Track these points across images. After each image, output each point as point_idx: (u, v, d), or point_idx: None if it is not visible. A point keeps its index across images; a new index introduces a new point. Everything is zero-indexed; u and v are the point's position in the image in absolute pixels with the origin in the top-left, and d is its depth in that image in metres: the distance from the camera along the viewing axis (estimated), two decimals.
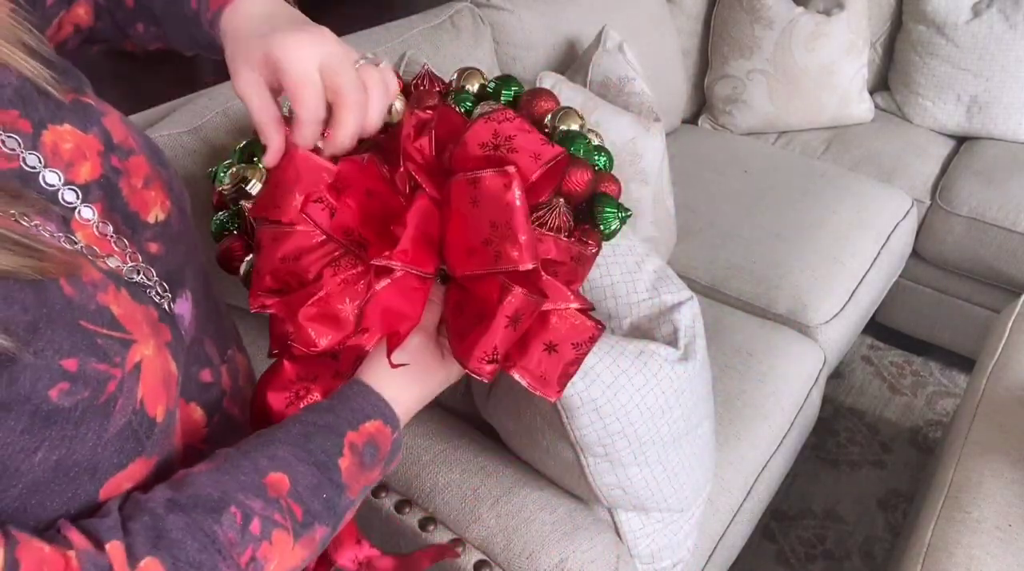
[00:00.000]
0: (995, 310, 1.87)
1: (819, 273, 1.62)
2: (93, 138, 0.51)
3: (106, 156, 0.51)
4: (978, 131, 2.06)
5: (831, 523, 1.72)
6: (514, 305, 0.54)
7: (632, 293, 1.08)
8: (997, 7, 1.95)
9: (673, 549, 1.11)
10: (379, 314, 0.55)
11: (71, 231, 0.48)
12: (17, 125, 0.47)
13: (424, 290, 0.57)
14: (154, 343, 0.49)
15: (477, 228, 0.54)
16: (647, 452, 0.97)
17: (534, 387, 0.57)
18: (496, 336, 0.54)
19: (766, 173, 1.88)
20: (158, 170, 0.56)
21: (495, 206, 0.53)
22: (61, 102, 0.50)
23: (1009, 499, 1.07)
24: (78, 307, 0.44)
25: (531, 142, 0.57)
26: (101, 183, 0.50)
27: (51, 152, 0.48)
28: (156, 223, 0.54)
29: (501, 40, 1.63)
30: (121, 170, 0.52)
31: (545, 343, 0.58)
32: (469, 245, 0.55)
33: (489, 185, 0.54)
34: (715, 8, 2.10)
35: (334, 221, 0.55)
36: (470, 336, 0.55)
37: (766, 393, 1.37)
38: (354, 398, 0.55)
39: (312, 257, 0.55)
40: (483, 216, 0.54)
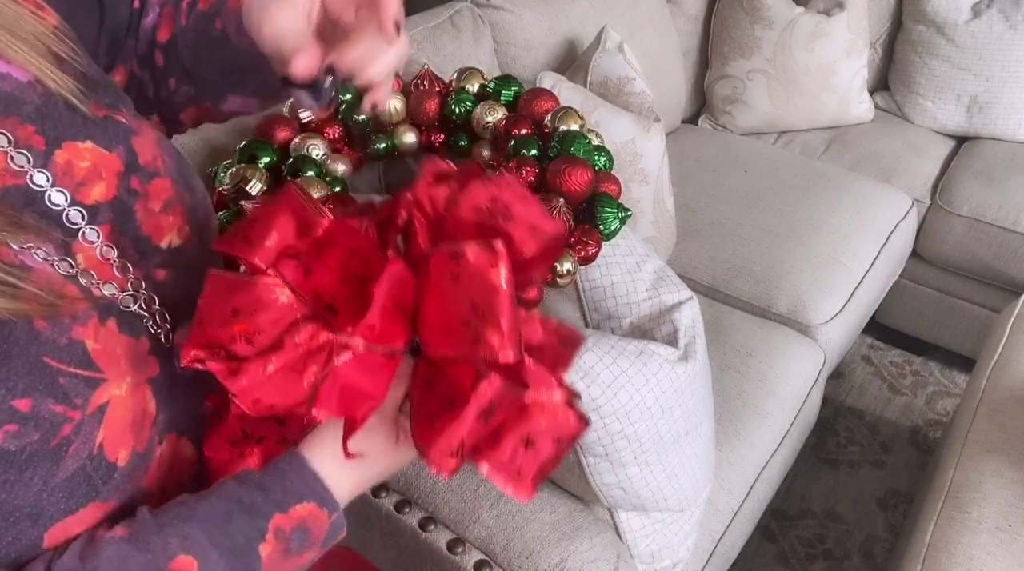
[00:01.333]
0: (995, 310, 1.87)
1: (819, 273, 1.62)
2: (115, 157, 0.50)
3: (125, 177, 0.50)
4: (978, 131, 2.06)
5: (831, 523, 1.72)
6: (488, 396, 0.48)
7: (632, 293, 1.08)
8: (997, 7, 1.95)
9: (673, 549, 1.11)
10: (337, 393, 0.48)
11: (71, 254, 0.47)
12: (31, 141, 0.46)
13: (391, 368, 0.50)
14: (130, 381, 0.47)
15: (456, 307, 0.48)
16: (647, 452, 0.97)
17: (504, 482, 0.50)
18: (464, 428, 0.48)
19: (766, 173, 1.88)
20: (183, 194, 0.55)
21: (478, 286, 0.47)
22: (88, 118, 0.49)
23: (1009, 499, 1.07)
24: (45, 342, 0.43)
25: (531, 213, 0.51)
26: (113, 205, 0.49)
27: (62, 171, 0.47)
28: (169, 249, 0.53)
29: (501, 40, 1.63)
30: (139, 192, 0.51)
31: (522, 436, 0.50)
32: (446, 323, 0.48)
33: (473, 261, 0.47)
34: (715, 8, 2.10)
35: (307, 281, 0.49)
36: (436, 423, 0.49)
37: (766, 393, 1.37)
38: (289, 475, 0.50)
39: (271, 317, 0.48)
40: (464, 295, 0.47)
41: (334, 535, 0.52)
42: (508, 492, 0.50)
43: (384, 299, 0.48)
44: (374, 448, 0.52)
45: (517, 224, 0.50)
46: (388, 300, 0.48)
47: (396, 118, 1.23)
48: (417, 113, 1.23)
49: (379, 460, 0.53)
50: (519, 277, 0.50)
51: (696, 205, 1.77)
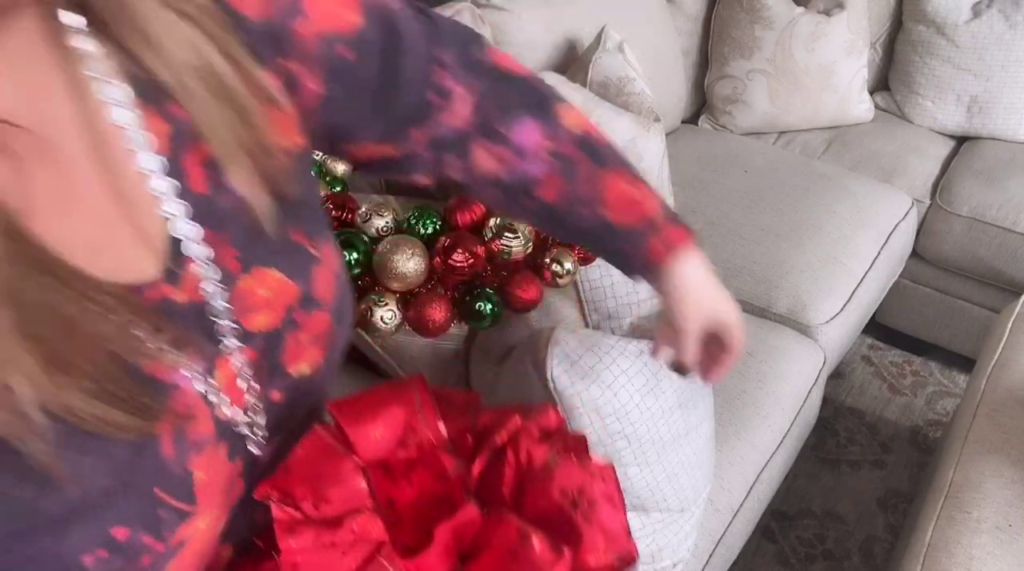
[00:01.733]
0: (995, 310, 1.87)
1: (819, 273, 1.62)
2: (294, 288, 0.48)
3: (293, 309, 0.49)
4: (978, 131, 2.06)
5: (831, 523, 1.72)
6: None
7: (632, 293, 1.08)
8: (997, 7, 1.95)
9: (673, 549, 1.11)
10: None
11: (212, 370, 0.45)
12: (227, 264, 0.45)
13: None
14: (215, 514, 0.46)
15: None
16: (647, 452, 0.97)
17: None
18: None
19: (766, 173, 1.88)
20: (334, 328, 0.53)
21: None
22: (281, 243, 0.48)
23: (1009, 499, 1.07)
24: (164, 471, 0.41)
25: (612, 520, 0.48)
26: (268, 336, 0.48)
27: (240, 296, 0.46)
28: (296, 376, 0.51)
29: (501, 40, 1.63)
30: (298, 324, 0.49)
31: None
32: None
33: (536, 552, 0.44)
34: (715, 8, 2.09)
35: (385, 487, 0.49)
36: None
37: (766, 393, 1.37)
38: None
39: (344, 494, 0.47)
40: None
41: None
42: None
43: (446, 540, 0.46)
44: None
45: (594, 528, 0.48)
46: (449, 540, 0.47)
47: None
48: None
49: None
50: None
51: (696, 205, 1.77)
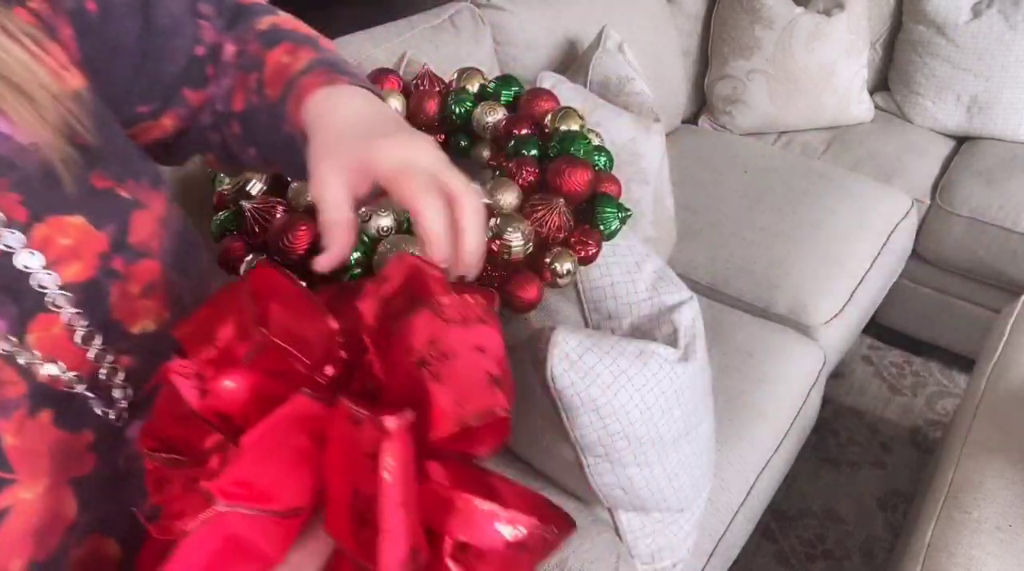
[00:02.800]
0: (995, 310, 1.87)
1: (819, 273, 1.62)
2: (103, 236, 0.46)
3: (107, 257, 0.46)
4: (978, 131, 2.06)
5: (831, 523, 1.72)
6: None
7: (632, 293, 1.08)
8: (997, 7, 1.95)
9: (673, 549, 1.11)
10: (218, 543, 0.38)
11: (23, 328, 0.42)
12: (13, 211, 0.42)
13: (291, 525, 0.40)
14: (47, 483, 0.42)
15: (344, 484, 0.38)
16: (647, 452, 0.97)
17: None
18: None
19: (766, 173, 1.88)
20: (171, 278, 0.51)
21: (361, 468, 0.36)
22: (85, 190, 0.46)
23: (1009, 499, 1.07)
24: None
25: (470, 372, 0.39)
26: (86, 287, 0.45)
27: (38, 247, 0.43)
28: (141, 335, 0.49)
29: (501, 40, 1.63)
30: (120, 274, 0.47)
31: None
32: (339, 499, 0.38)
33: (360, 435, 0.37)
34: (715, 8, 2.09)
35: (204, 401, 0.41)
36: None
37: (766, 393, 1.37)
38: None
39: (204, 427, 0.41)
40: (349, 473, 0.37)
41: None
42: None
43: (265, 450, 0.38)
44: None
45: (443, 388, 0.39)
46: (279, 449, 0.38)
47: None
48: (417, 113, 1.23)
49: None
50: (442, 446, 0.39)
51: (696, 205, 1.77)
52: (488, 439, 0.41)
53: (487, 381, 0.40)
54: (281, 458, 0.39)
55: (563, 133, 1.15)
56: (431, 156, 0.46)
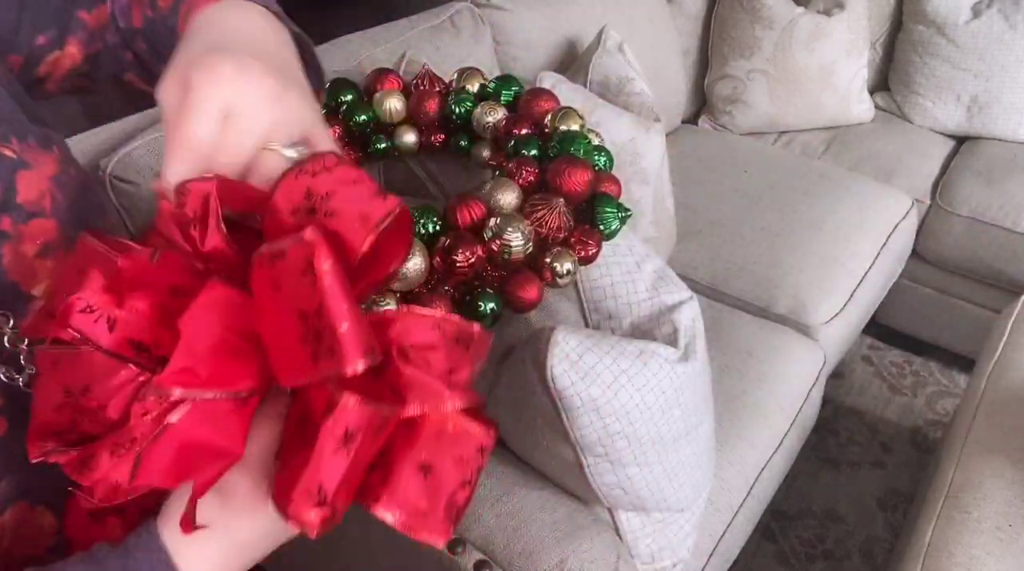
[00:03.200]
0: (995, 310, 1.87)
1: (819, 273, 1.62)
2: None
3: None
4: (978, 131, 2.06)
5: (831, 523, 1.72)
6: (344, 422, 0.38)
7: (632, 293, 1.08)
8: (997, 7, 1.95)
9: (673, 549, 1.11)
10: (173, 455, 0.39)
11: None
12: None
13: (243, 413, 0.41)
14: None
15: (285, 322, 0.39)
16: (647, 452, 0.97)
17: (411, 527, 0.41)
18: (322, 467, 0.38)
19: (766, 173, 1.88)
20: (71, 238, 0.48)
21: (300, 290, 0.38)
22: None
23: (1009, 499, 1.07)
24: None
25: (357, 197, 0.41)
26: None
27: None
28: (43, 296, 0.48)
29: (501, 40, 1.63)
30: (10, 234, 0.46)
31: (417, 463, 0.41)
32: (282, 345, 0.39)
33: (287, 263, 0.39)
34: (715, 8, 2.09)
35: (115, 335, 0.40)
36: (291, 469, 0.39)
37: (766, 393, 1.37)
38: (134, 552, 0.42)
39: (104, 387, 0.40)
40: (289, 304, 0.39)
41: None
42: (421, 537, 0.41)
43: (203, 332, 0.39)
44: (234, 511, 0.42)
45: (341, 217, 0.41)
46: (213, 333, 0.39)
47: (396, 118, 1.23)
48: (417, 113, 1.23)
49: (245, 527, 0.42)
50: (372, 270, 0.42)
51: (696, 205, 1.77)
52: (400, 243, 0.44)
53: (374, 194, 0.42)
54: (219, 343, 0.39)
55: (563, 133, 1.15)
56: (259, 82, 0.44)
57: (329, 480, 0.38)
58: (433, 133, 1.25)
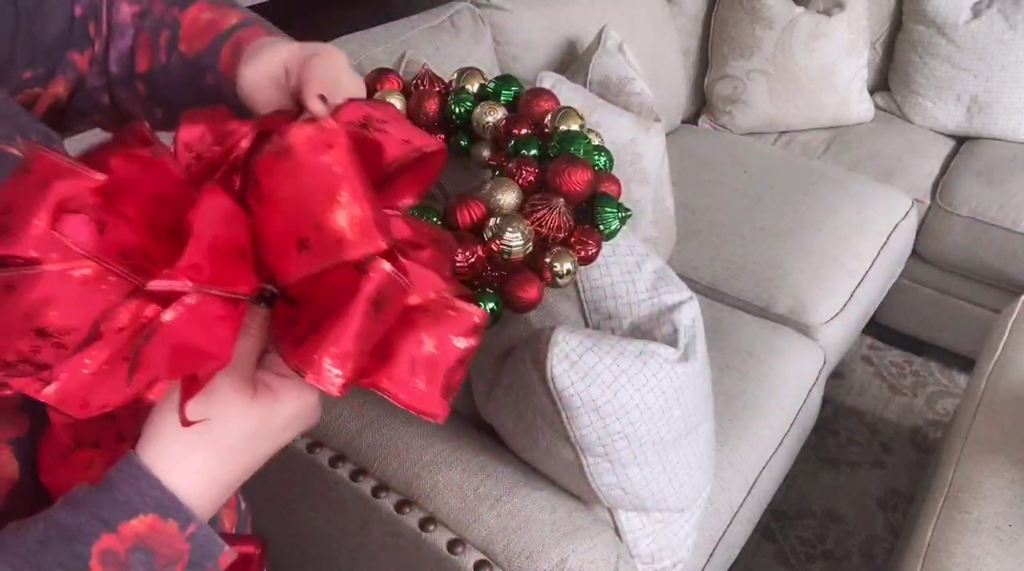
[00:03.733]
0: (995, 310, 1.87)
1: (819, 273, 1.62)
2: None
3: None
4: (978, 131, 2.06)
5: (831, 523, 1.72)
6: (376, 283, 0.39)
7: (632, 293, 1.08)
8: (997, 7, 1.95)
9: (673, 549, 1.11)
10: (167, 356, 0.38)
11: None
12: None
13: (234, 318, 0.41)
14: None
15: (303, 211, 0.39)
16: (647, 452, 0.97)
17: (410, 404, 0.43)
18: (354, 325, 0.39)
19: (766, 173, 1.88)
20: None
21: (320, 176, 0.39)
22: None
23: (1009, 499, 1.07)
24: None
25: (408, 129, 0.45)
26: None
27: None
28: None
29: (501, 40, 1.63)
30: None
31: (417, 342, 0.44)
32: (298, 237, 0.40)
33: (306, 150, 0.40)
34: (715, 8, 2.10)
35: (104, 239, 0.39)
36: (312, 336, 0.40)
37: (766, 393, 1.37)
38: (118, 484, 0.40)
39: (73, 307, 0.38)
40: (307, 192, 0.39)
41: (203, 556, 0.41)
42: (419, 411, 0.43)
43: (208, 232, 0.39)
44: (222, 410, 0.41)
45: (389, 136, 0.44)
46: (215, 235, 0.39)
47: None
48: (417, 113, 1.23)
49: (231, 427, 0.42)
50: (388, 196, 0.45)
51: (696, 205, 1.77)
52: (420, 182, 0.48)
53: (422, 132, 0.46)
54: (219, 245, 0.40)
55: (563, 133, 1.15)
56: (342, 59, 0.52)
57: (357, 342, 0.39)
58: (433, 133, 1.25)
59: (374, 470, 1.08)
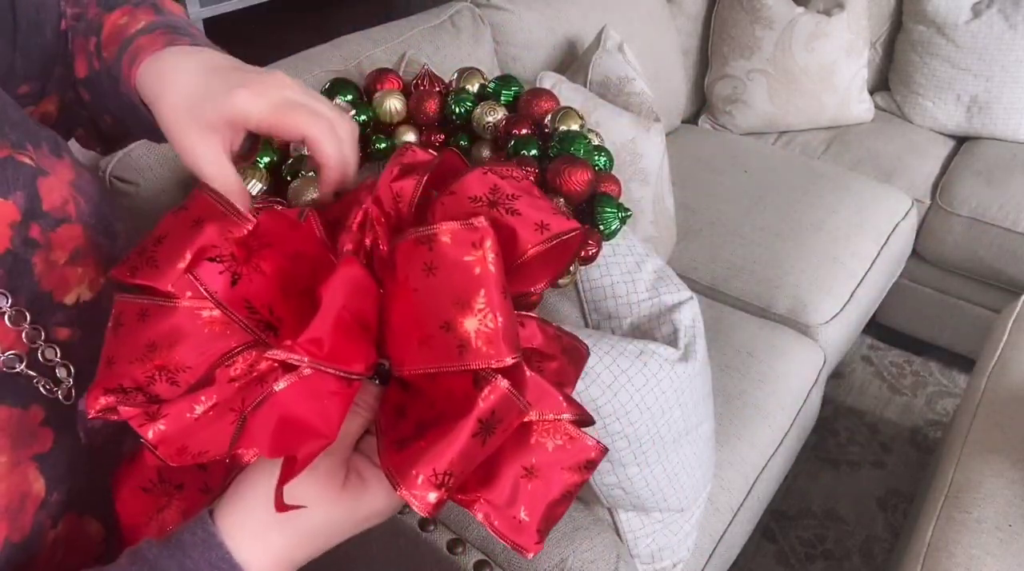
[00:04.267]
0: (995, 310, 1.87)
1: (819, 273, 1.62)
2: (11, 205, 0.44)
3: (22, 226, 0.44)
4: (978, 131, 2.06)
5: (831, 523, 1.72)
6: (492, 403, 0.37)
7: (632, 293, 1.08)
8: (997, 7, 1.95)
9: (673, 549, 1.11)
10: (274, 427, 0.38)
11: None
12: None
13: (347, 396, 0.40)
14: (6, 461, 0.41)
15: (433, 305, 0.38)
16: (647, 452, 0.97)
17: (504, 533, 0.40)
18: (457, 444, 0.37)
19: (766, 173, 1.88)
20: (98, 242, 0.49)
21: (459, 275, 0.38)
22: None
23: (1009, 499, 1.07)
24: None
25: (541, 207, 0.42)
26: (4, 259, 0.43)
27: None
28: (76, 305, 0.47)
29: (501, 40, 1.63)
30: (40, 243, 0.45)
31: (524, 466, 0.41)
32: (422, 331, 0.39)
33: (451, 245, 0.38)
34: (715, 8, 2.10)
35: (235, 290, 0.39)
36: (416, 443, 0.38)
37: (766, 393, 1.37)
38: (190, 550, 0.39)
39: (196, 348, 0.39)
40: (441, 288, 0.38)
41: None
42: (511, 542, 0.40)
43: (336, 306, 0.38)
44: (313, 495, 0.40)
45: (522, 218, 0.41)
46: (342, 309, 0.39)
47: (396, 118, 1.23)
48: (417, 113, 1.23)
49: (316, 514, 0.40)
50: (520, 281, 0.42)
51: (696, 205, 1.77)
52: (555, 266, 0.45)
53: (556, 211, 0.42)
54: (344, 320, 0.39)
55: (563, 133, 1.15)
56: (294, 88, 0.46)
57: (458, 464, 0.37)
58: (433, 133, 1.25)
59: None
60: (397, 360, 0.40)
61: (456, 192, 0.42)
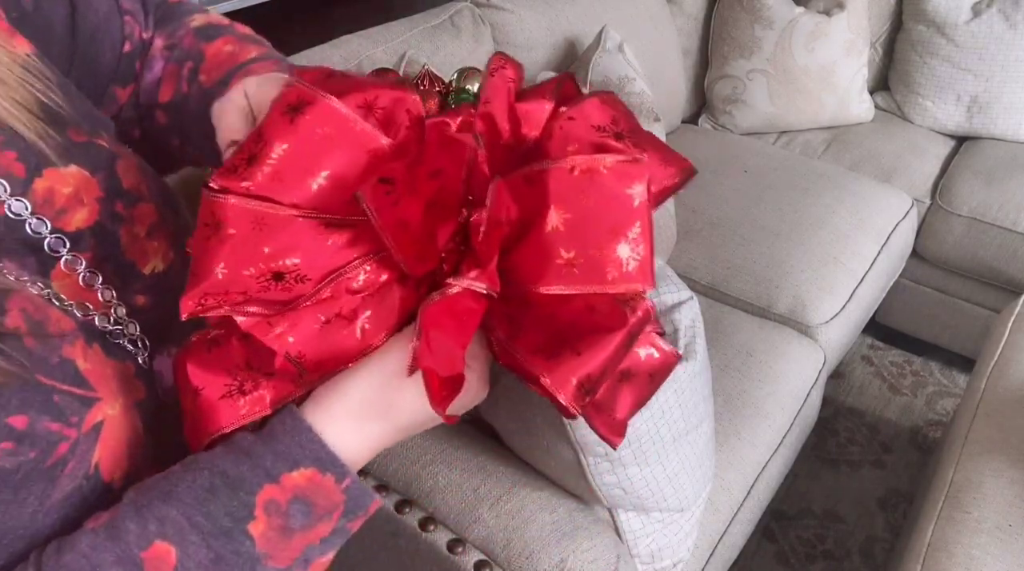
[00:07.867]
0: (995, 310, 1.87)
1: (819, 273, 1.62)
2: (97, 182, 0.49)
3: (108, 201, 0.49)
4: (978, 131, 2.06)
5: (831, 523, 1.72)
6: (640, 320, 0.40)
7: None
8: (997, 7, 1.95)
9: (673, 549, 1.11)
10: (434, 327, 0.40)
11: (47, 280, 0.46)
12: (11, 169, 0.45)
13: (479, 312, 0.42)
14: (122, 403, 0.45)
15: (584, 232, 0.40)
16: (647, 452, 0.97)
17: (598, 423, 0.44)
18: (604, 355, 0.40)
19: (766, 173, 1.88)
20: (167, 219, 0.54)
21: (617, 204, 0.40)
22: (70, 142, 0.48)
23: (1009, 499, 1.07)
24: (37, 360, 0.41)
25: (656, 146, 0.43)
26: (95, 230, 0.48)
27: (42, 199, 0.46)
28: (152, 274, 0.52)
29: (501, 40, 1.63)
30: (124, 217, 0.50)
31: (622, 370, 0.44)
32: (568, 253, 0.40)
33: (612, 176, 0.40)
34: (715, 8, 2.10)
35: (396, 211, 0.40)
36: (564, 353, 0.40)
37: (766, 393, 1.37)
38: (281, 436, 0.43)
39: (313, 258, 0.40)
40: (597, 216, 0.40)
41: (356, 506, 0.44)
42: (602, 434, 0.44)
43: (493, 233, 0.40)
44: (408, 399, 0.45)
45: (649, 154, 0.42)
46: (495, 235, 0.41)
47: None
48: None
49: (412, 411, 0.45)
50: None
51: (696, 205, 1.77)
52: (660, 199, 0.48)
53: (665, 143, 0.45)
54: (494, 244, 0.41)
55: None
56: None
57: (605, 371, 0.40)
58: None
59: (374, 470, 1.08)
60: (530, 276, 0.42)
61: (576, 118, 0.43)
